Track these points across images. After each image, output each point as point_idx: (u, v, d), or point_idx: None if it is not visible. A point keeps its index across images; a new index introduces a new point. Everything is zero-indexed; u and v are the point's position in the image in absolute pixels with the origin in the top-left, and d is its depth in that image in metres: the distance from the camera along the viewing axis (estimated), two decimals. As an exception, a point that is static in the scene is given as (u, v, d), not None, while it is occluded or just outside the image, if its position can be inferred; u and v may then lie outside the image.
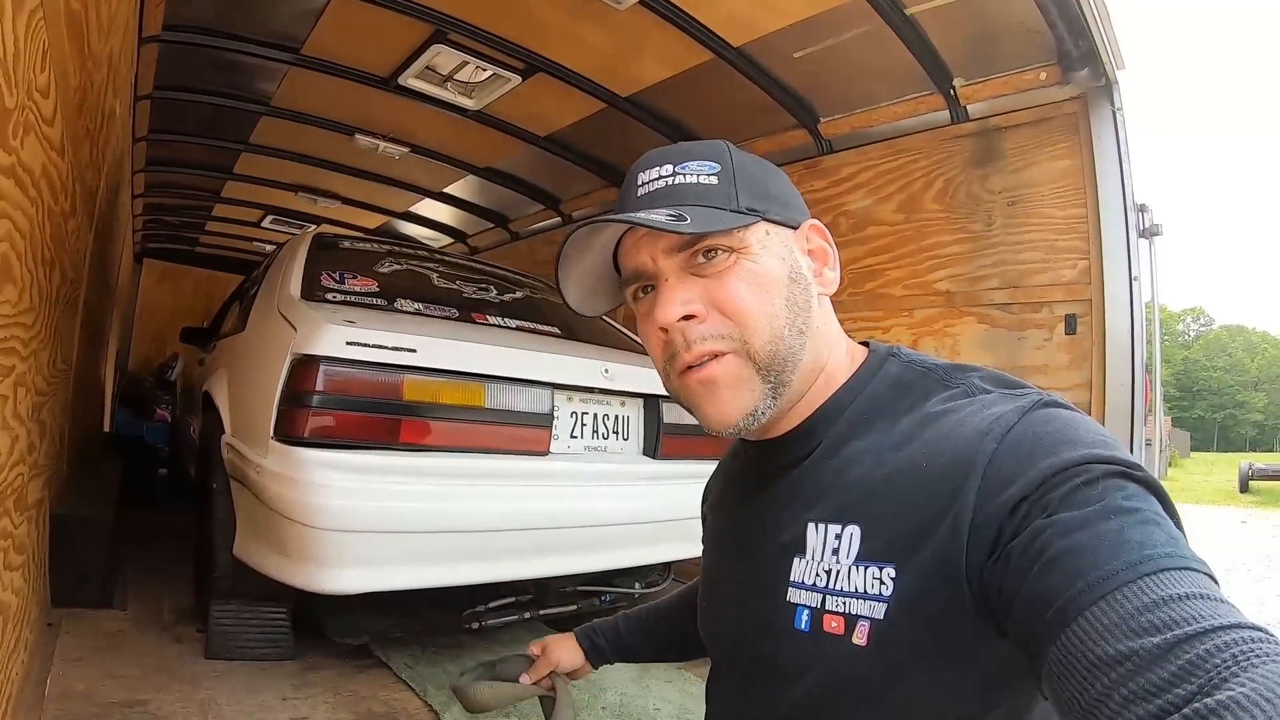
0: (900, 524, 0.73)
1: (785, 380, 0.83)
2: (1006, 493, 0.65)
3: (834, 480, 0.82)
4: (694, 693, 2.60)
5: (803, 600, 0.80)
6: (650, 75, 3.96)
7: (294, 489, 2.01)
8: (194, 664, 2.42)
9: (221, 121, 4.92)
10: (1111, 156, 3.17)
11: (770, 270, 0.83)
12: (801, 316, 0.83)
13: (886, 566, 0.73)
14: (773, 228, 0.85)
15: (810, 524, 0.81)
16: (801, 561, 0.81)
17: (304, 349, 2.14)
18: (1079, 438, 0.67)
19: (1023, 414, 0.71)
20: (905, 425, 0.79)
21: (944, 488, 0.70)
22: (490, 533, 2.26)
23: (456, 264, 3.81)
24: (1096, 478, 0.62)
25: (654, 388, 2.85)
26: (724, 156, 0.87)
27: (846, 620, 0.75)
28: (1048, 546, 0.60)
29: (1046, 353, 3.28)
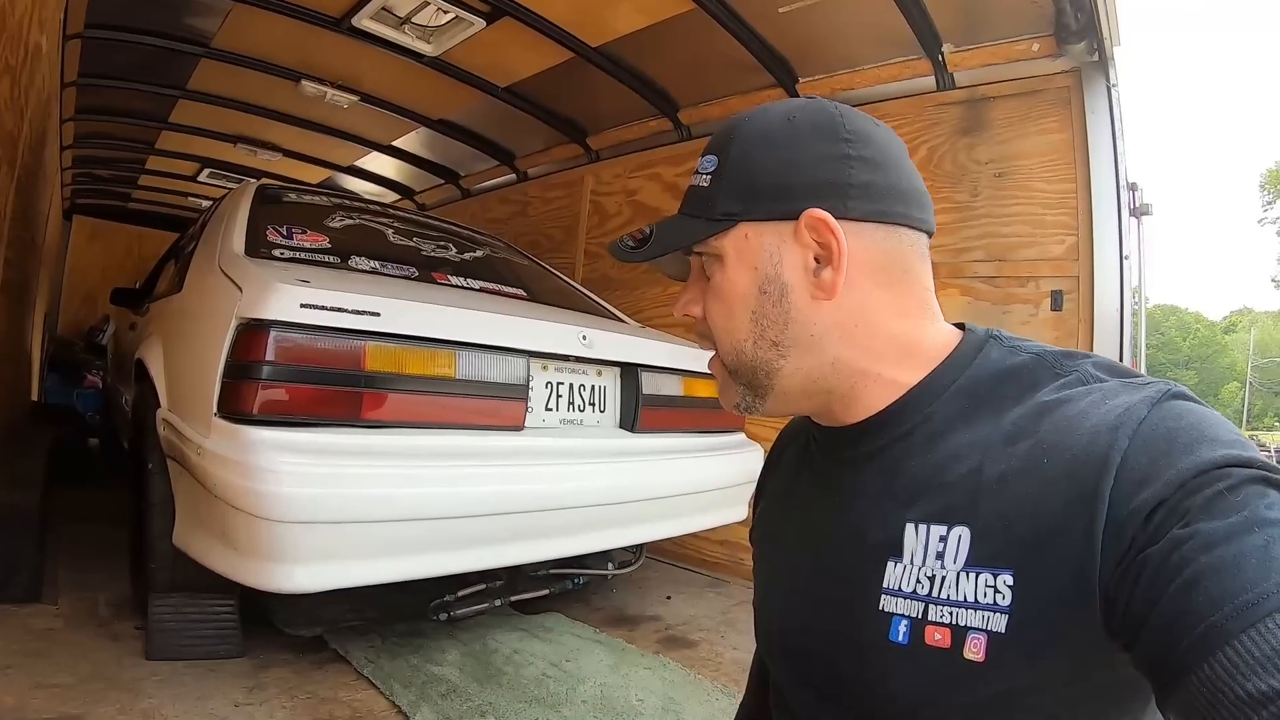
0: (1019, 526, 0.65)
1: (762, 385, 0.81)
2: (1142, 495, 0.58)
3: (936, 477, 0.72)
4: (676, 680, 2.47)
5: (900, 610, 0.71)
6: (625, 24, 3.76)
7: (241, 474, 1.75)
8: (134, 667, 2.19)
9: (158, 64, 4.58)
10: (1104, 133, 3.15)
11: (734, 284, 0.80)
12: (774, 330, 0.78)
13: (1003, 573, 0.65)
14: (755, 227, 0.79)
15: (909, 524, 0.72)
16: (898, 566, 0.72)
17: (251, 312, 1.87)
18: (1217, 436, 0.60)
19: (1152, 405, 0.63)
20: (1016, 416, 0.70)
21: (1070, 487, 0.62)
22: (462, 519, 2.03)
23: (411, 219, 3.60)
24: (1238, 484, 0.56)
25: (633, 356, 2.70)
26: (727, 147, 0.81)
27: (954, 632, 0.67)
28: (1187, 563, 0.53)
29: (1031, 328, 3.24)
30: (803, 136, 0.78)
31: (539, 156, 5.82)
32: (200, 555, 2.03)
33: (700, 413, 2.96)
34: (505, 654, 2.56)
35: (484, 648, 2.61)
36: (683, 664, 2.61)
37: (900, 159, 0.79)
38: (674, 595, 3.51)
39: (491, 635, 2.72)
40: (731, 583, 3.81)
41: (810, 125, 0.78)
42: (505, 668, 2.45)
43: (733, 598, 3.54)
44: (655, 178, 4.91)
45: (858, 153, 0.76)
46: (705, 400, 2.97)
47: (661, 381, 2.78)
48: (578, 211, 5.45)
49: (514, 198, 6.14)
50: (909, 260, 0.79)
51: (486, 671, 2.41)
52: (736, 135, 0.81)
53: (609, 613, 3.18)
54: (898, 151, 0.79)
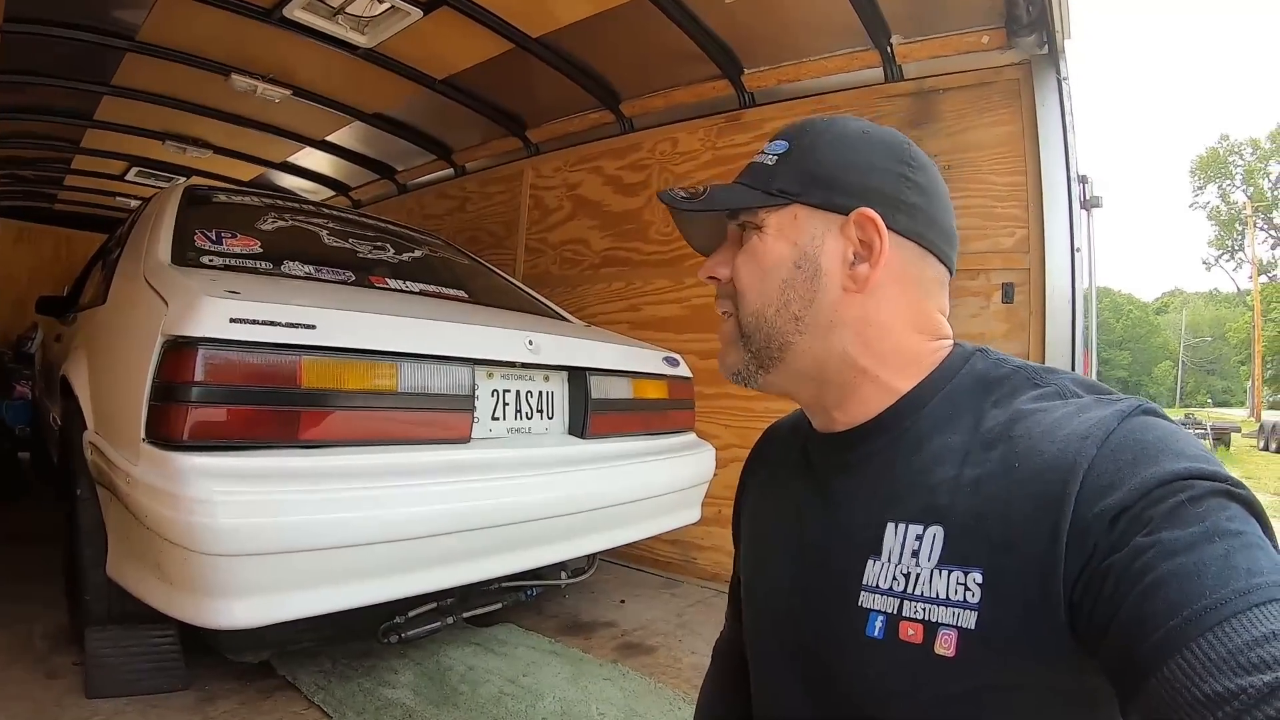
0: (990, 527, 0.68)
1: (771, 357, 0.85)
2: (1106, 501, 0.61)
3: (917, 479, 0.76)
4: (637, 690, 2.42)
5: (877, 605, 0.75)
6: (567, 14, 3.67)
7: (172, 506, 1.62)
8: (74, 706, 2.07)
9: (81, 59, 4.36)
10: (1055, 126, 3.17)
11: (772, 252, 0.84)
12: (797, 303, 0.83)
13: (973, 571, 0.68)
14: (807, 210, 0.83)
15: (889, 524, 0.76)
16: (876, 563, 0.76)
17: (178, 329, 1.74)
18: (1182, 450, 0.63)
19: (1123, 419, 0.66)
20: (993, 423, 0.74)
21: (1040, 491, 0.65)
22: (409, 541, 1.93)
23: (346, 219, 3.48)
24: (1200, 495, 0.59)
25: (581, 360, 2.62)
26: (801, 137, 0.86)
27: (926, 628, 0.70)
28: (1149, 569, 0.56)
29: (983, 321, 3.25)
30: (872, 147, 0.84)
31: (477, 150, 5.71)
32: (135, 588, 1.91)
33: (651, 415, 2.91)
34: (460, 672, 2.49)
35: (438, 666, 2.53)
36: (642, 672, 2.57)
37: (946, 199, 0.86)
38: (628, 599, 3.47)
39: (445, 652, 2.64)
40: (685, 583, 3.77)
41: (880, 141, 0.84)
42: (461, 687, 2.38)
43: (687, 599, 3.51)
44: (597, 171, 4.84)
45: (915, 177, 0.83)
46: (655, 402, 2.92)
47: (610, 384, 2.71)
48: (518, 206, 5.37)
49: (452, 193, 6.03)
50: (931, 285, 0.84)
51: (442, 692, 2.34)
52: (812, 129, 0.86)
53: (564, 620, 3.13)
54: (945, 191, 0.86)
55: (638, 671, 2.56)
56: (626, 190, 4.63)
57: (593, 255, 4.79)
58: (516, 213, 5.37)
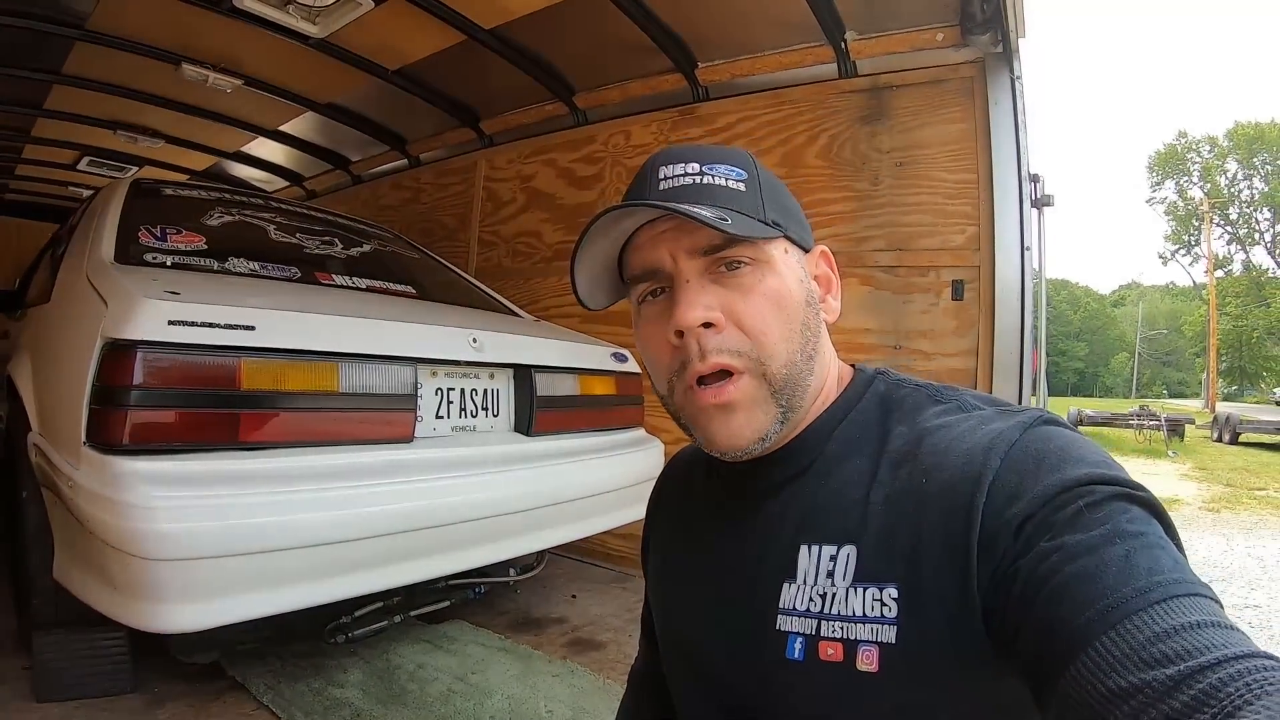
0: (901, 543, 0.70)
1: (795, 405, 0.80)
2: (1011, 509, 0.63)
3: (827, 502, 0.78)
4: (585, 688, 2.44)
5: (794, 628, 0.75)
6: (520, 5, 3.65)
7: (114, 512, 1.62)
8: (23, 710, 2.06)
9: (30, 47, 4.26)
10: (1007, 124, 3.21)
11: (791, 291, 0.80)
12: (813, 342, 0.81)
13: (888, 587, 0.69)
14: (791, 246, 0.83)
15: (802, 546, 0.77)
16: (792, 586, 0.77)
17: (117, 331, 1.73)
18: (1083, 456, 0.66)
19: (1024, 429, 0.69)
20: (899, 441, 0.76)
21: (947, 504, 0.67)
22: (354, 542, 1.93)
23: (296, 213, 3.45)
24: (1101, 500, 0.61)
25: (526, 357, 2.63)
26: (750, 165, 0.83)
27: (845, 646, 0.71)
28: (1054, 572, 0.58)
29: (932, 318, 3.29)
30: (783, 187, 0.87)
31: (431, 141, 5.68)
32: (80, 592, 1.90)
33: (597, 411, 2.92)
34: (409, 670, 2.50)
35: (387, 665, 2.54)
36: (591, 668, 2.59)
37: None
38: (579, 593, 3.49)
39: (395, 650, 2.65)
40: (636, 577, 3.78)
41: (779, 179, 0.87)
42: (409, 685, 2.39)
43: (638, 593, 3.51)
44: (550, 163, 4.83)
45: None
46: (603, 398, 2.93)
47: (556, 381, 2.71)
48: (471, 198, 5.35)
49: (406, 184, 6.00)
50: None
51: (390, 691, 2.35)
52: (752, 160, 0.84)
53: (514, 616, 3.14)
54: None
55: (587, 668, 2.59)
56: (580, 183, 4.63)
57: (545, 248, 4.79)
58: (470, 205, 5.35)
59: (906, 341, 3.28)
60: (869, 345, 3.34)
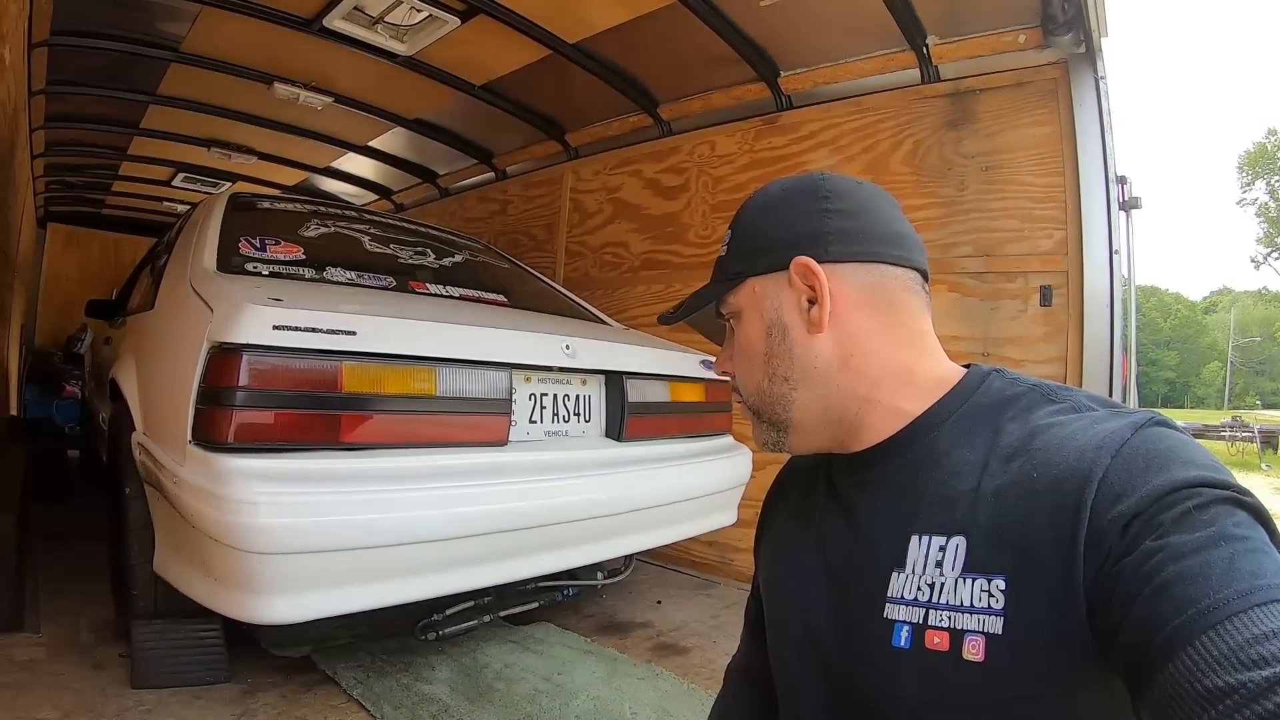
0: (1010, 535, 0.70)
1: (781, 419, 0.90)
2: (1119, 507, 0.64)
3: (938, 492, 0.78)
4: (670, 691, 2.43)
5: (902, 616, 0.76)
6: (602, 19, 3.70)
7: (217, 506, 1.68)
8: (119, 697, 2.12)
9: (127, 70, 4.49)
10: (1093, 126, 3.12)
11: (749, 336, 0.91)
12: (782, 368, 0.88)
13: (996, 578, 0.70)
14: (760, 280, 0.90)
15: (913, 536, 0.78)
16: (901, 575, 0.78)
17: (222, 336, 1.79)
18: (1192, 459, 0.66)
19: (1136, 429, 0.69)
20: (1012, 437, 0.76)
21: (1057, 500, 0.67)
22: (448, 541, 1.97)
23: (389, 224, 3.52)
24: (1208, 502, 0.61)
25: (618, 364, 2.64)
26: (738, 219, 0.95)
27: (952, 636, 0.72)
28: (1157, 571, 0.58)
29: (1021, 324, 3.21)
30: (790, 199, 0.90)
31: (518, 154, 5.75)
32: (180, 584, 1.97)
33: (687, 417, 2.92)
34: (496, 669, 2.52)
35: (474, 663, 2.56)
36: (676, 673, 2.57)
37: (879, 207, 0.89)
38: (664, 599, 3.48)
39: (482, 649, 2.67)
40: (721, 584, 3.77)
41: (796, 190, 0.90)
42: (496, 684, 2.41)
43: (723, 600, 3.51)
44: (636, 174, 4.85)
45: (835, 206, 0.87)
46: (692, 405, 2.92)
47: (647, 388, 2.72)
48: (558, 209, 5.39)
49: (493, 196, 6.07)
50: (893, 292, 0.86)
51: (477, 689, 2.37)
52: (744, 209, 0.94)
53: (599, 620, 3.14)
54: (879, 202, 0.90)
55: (672, 672, 2.57)
56: (666, 193, 4.64)
57: (632, 258, 4.80)
58: (557, 216, 5.40)
59: (994, 349, 3.21)
60: (957, 353, 3.22)
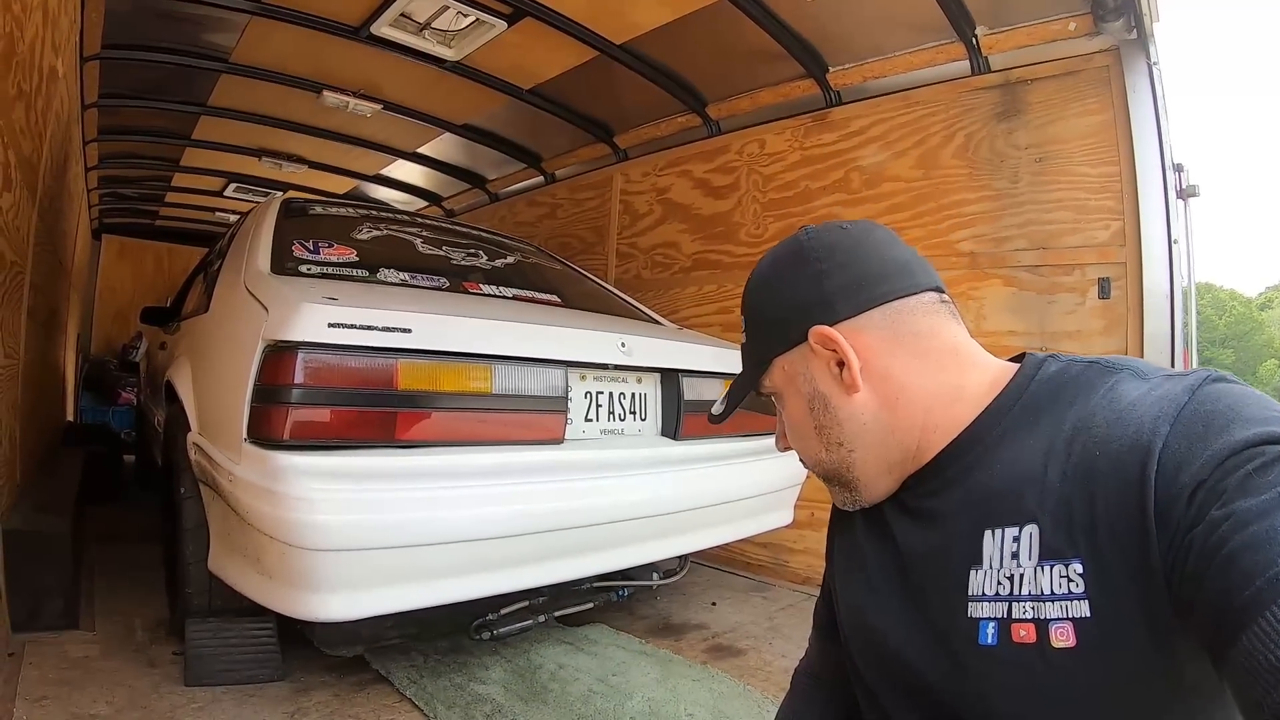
0: (1080, 517, 0.69)
1: (848, 479, 0.92)
2: (1182, 478, 0.63)
3: (1005, 485, 0.77)
4: (725, 693, 2.39)
5: (985, 613, 0.76)
6: (649, 19, 3.69)
7: (273, 503, 1.69)
8: (172, 694, 2.14)
9: (177, 82, 4.59)
10: (1147, 113, 3.04)
11: (794, 414, 0.94)
12: (834, 434, 0.90)
13: (1073, 562, 0.69)
14: (787, 358, 0.92)
15: (986, 532, 0.77)
16: (979, 573, 0.77)
17: (278, 334, 1.80)
18: (1251, 415, 0.64)
19: (1192, 392, 0.68)
20: (1073, 419, 0.75)
21: (1121, 477, 0.67)
22: (503, 539, 1.97)
23: (440, 227, 3.54)
24: (1271, 461, 0.59)
25: (673, 362, 2.62)
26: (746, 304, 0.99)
27: (1038, 626, 0.71)
28: (1224, 542, 0.57)
29: (1078, 318, 3.14)
30: (782, 272, 0.93)
31: (566, 157, 5.75)
32: (235, 582, 1.99)
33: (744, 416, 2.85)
34: (550, 670, 2.50)
35: (528, 664, 2.54)
36: (731, 674, 2.53)
37: (870, 247, 0.90)
38: (719, 601, 3.44)
39: (536, 650, 2.65)
40: (776, 586, 3.73)
41: (785, 261, 0.93)
42: (551, 684, 2.39)
43: (778, 602, 3.46)
44: (686, 174, 4.82)
45: (827, 264, 0.88)
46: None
47: (703, 386, 2.69)
48: (608, 212, 5.39)
49: (542, 200, 6.08)
50: (913, 322, 0.87)
51: (531, 689, 2.35)
52: (747, 291, 0.98)
53: (654, 621, 3.11)
54: (869, 241, 0.90)
55: (727, 674, 2.53)
56: (716, 193, 4.61)
57: (683, 258, 4.78)
58: (607, 218, 5.39)
59: (1052, 343, 3.14)
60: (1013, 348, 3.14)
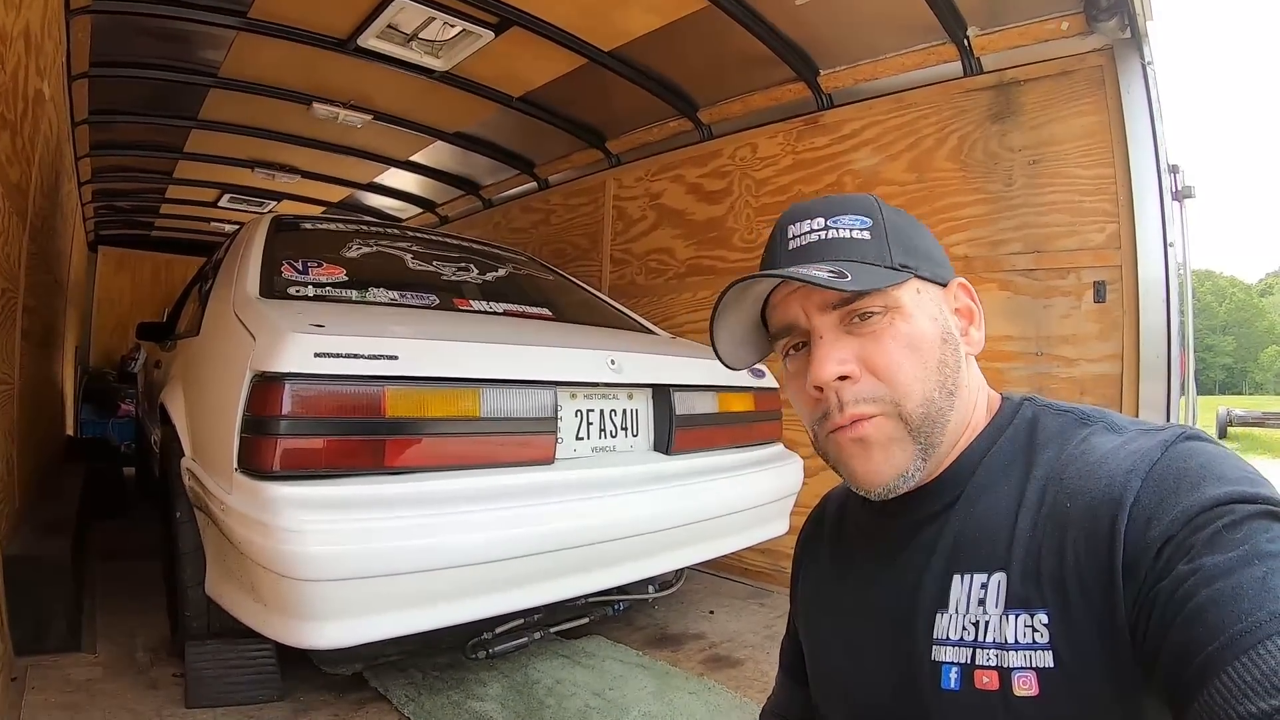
0: (1049, 568, 0.69)
1: (935, 441, 0.80)
2: (1151, 532, 0.63)
3: (976, 530, 0.77)
4: (722, 705, 2.39)
5: (949, 657, 0.75)
6: (637, 26, 3.67)
7: (264, 534, 1.69)
8: (173, 717, 2.15)
9: (167, 97, 4.58)
10: (1142, 114, 3.01)
11: (924, 331, 0.81)
12: (952, 377, 0.81)
13: (1039, 613, 0.69)
14: (924, 285, 0.84)
15: (955, 576, 0.77)
16: (945, 616, 0.76)
17: (265, 364, 1.80)
18: (1224, 473, 0.64)
19: (1166, 448, 0.68)
20: (1045, 467, 0.76)
21: (1091, 528, 0.67)
22: (496, 563, 1.96)
23: (431, 240, 3.53)
24: (1240, 519, 0.59)
25: (664, 377, 2.61)
26: (875, 211, 0.85)
27: (1000, 674, 0.70)
28: (1190, 596, 0.57)
29: (1074, 322, 3.11)
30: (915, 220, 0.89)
31: (559, 163, 5.73)
32: (231, 607, 1.99)
33: (737, 428, 2.87)
34: (547, 685, 2.50)
35: (525, 679, 2.54)
36: (728, 686, 2.53)
37: None
38: (716, 609, 3.44)
39: (533, 665, 2.66)
40: (774, 593, 3.72)
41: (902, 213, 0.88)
42: (548, 700, 2.39)
43: (776, 609, 3.46)
44: (678, 179, 4.81)
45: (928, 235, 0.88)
46: (741, 415, 2.89)
47: (695, 399, 2.68)
48: (601, 218, 5.37)
49: (536, 206, 6.07)
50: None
51: (529, 706, 2.35)
52: (877, 205, 0.86)
53: (651, 632, 3.11)
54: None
55: (724, 685, 2.53)
56: (709, 198, 4.60)
57: (678, 264, 4.77)
58: (600, 224, 5.38)
59: (1048, 348, 3.12)
60: (1010, 353, 3.19)
